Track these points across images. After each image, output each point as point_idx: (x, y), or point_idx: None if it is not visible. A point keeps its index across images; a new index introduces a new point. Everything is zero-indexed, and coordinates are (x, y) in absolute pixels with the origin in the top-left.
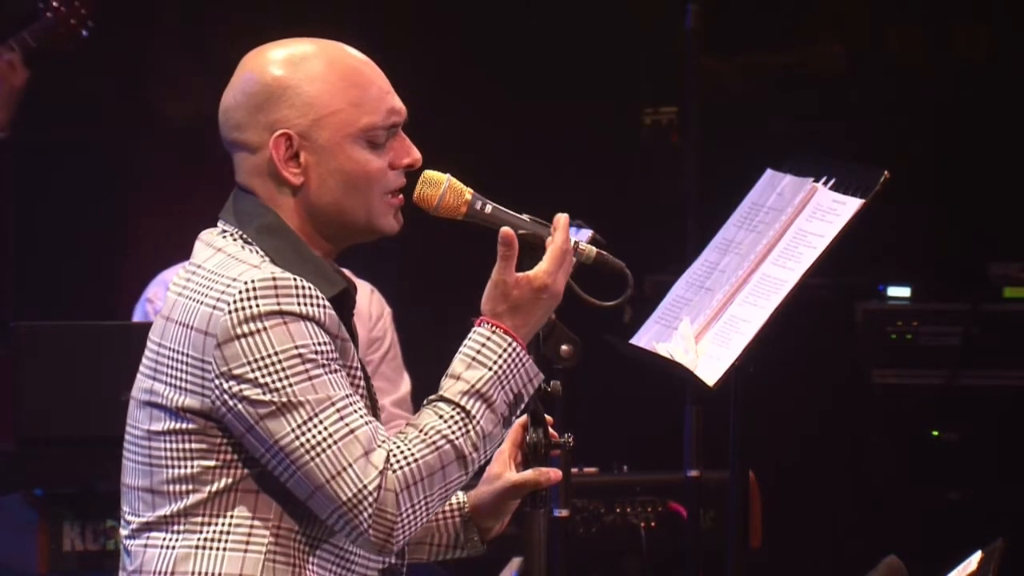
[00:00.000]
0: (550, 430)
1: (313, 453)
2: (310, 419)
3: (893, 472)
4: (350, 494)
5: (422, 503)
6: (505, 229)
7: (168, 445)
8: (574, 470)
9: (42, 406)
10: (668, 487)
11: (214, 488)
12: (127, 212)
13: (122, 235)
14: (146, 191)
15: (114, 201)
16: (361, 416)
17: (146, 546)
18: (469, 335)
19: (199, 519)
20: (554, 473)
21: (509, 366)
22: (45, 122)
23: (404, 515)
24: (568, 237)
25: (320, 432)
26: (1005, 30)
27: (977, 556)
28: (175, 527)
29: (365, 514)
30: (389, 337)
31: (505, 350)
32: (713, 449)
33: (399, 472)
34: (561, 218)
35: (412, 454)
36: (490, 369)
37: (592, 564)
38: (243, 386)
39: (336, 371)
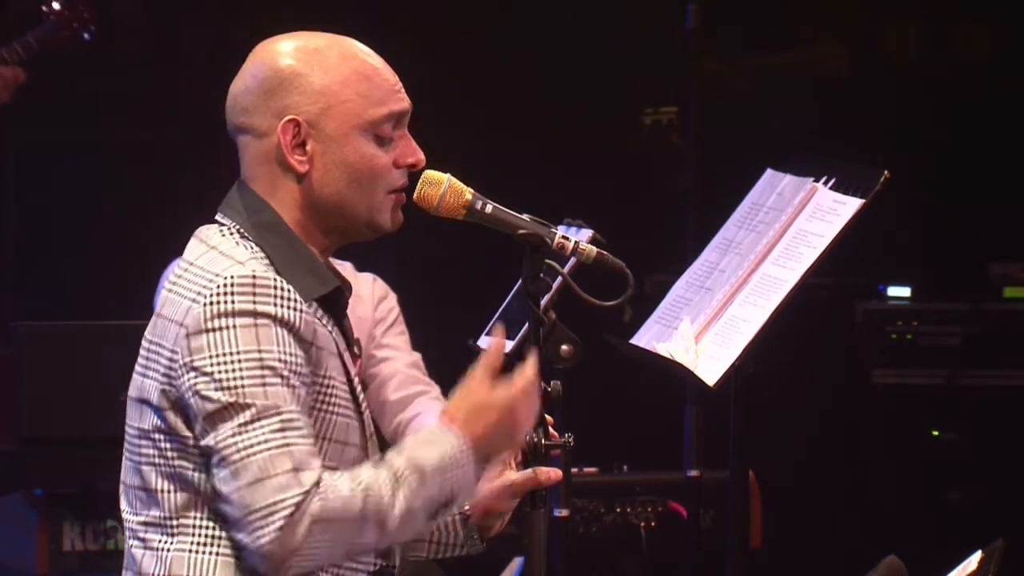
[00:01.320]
0: (550, 430)
1: (244, 454)
2: (251, 422)
3: (893, 472)
4: (264, 502)
5: (326, 545)
6: (496, 343)
7: (153, 443)
8: (574, 470)
9: (42, 406)
10: (668, 487)
11: (201, 489)
12: (128, 212)
13: (123, 235)
14: (147, 191)
15: (115, 201)
16: (301, 436)
17: (144, 548)
18: (432, 425)
19: (190, 521)
20: (554, 473)
21: (454, 461)
22: (47, 122)
23: (308, 546)
24: (534, 378)
25: (256, 436)
26: (1005, 30)
27: (977, 556)
28: (169, 528)
29: (272, 527)
30: (393, 315)
31: (455, 447)
32: (713, 449)
33: (323, 502)
34: (529, 370)
35: (342, 492)
36: (437, 454)
37: (592, 564)
38: (199, 379)
39: (294, 387)
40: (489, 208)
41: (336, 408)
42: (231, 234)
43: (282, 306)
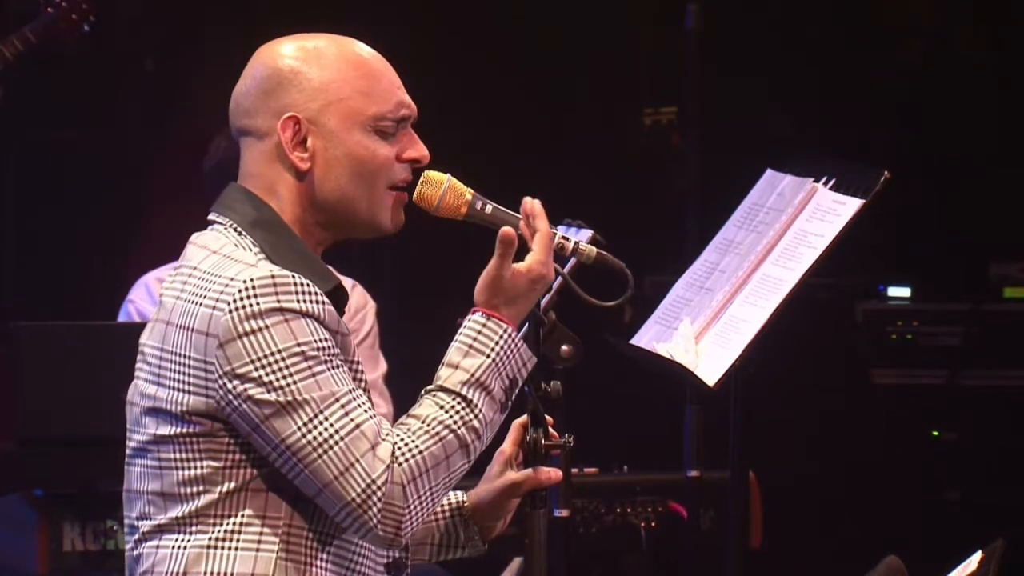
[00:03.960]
0: (550, 430)
1: (321, 451)
2: (315, 416)
3: (893, 472)
4: (359, 490)
5: (428, 494)
6: (507, 229)
7: (177, 448)
8: (574, 470)
9: (42, 406)
10: (668, 487)
11: (224, 488)
12: (128, 212)
13: (122, 235)
14: (147, 191)
15: (115, 201)
16: (365, 411)
17: (158, 547)
18: (464, 324)
19: (211, 519)
20: (554, 473)
21: (505, 352)
22: (46, 121)
23: (412, 507)
24: (546, 220)
25: (326, 429)
26: (1006, 30)
27: (977, 556)
28: (188, 528)
29: (375, 509)
30: (367, 327)
31: (501, 336)
32: (713, 449)
33: (404, 465)
34: (534, 204)
35: (416, 446)
36: (488, 356)
37: (592, 564)
38: (247, 385)
39: (338, 367)
40: (489, 208)
41: (366, 388)
42: (227, 231)
43: (305, 301)
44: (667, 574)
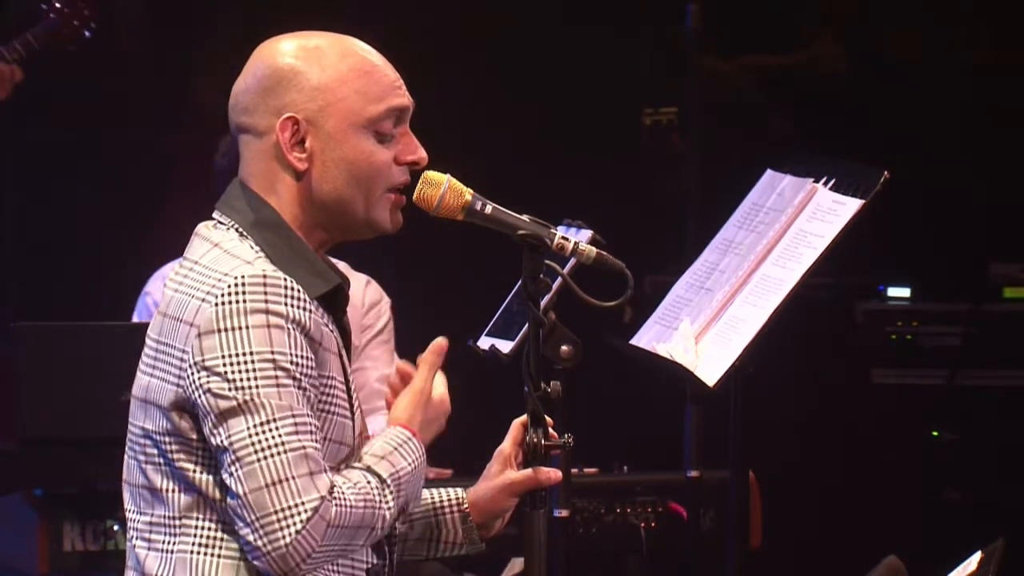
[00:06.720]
0: (550, 430)
1: (262, 455)
2: (268, 422)
3: (893, 472)
4: (283, 505)
5: (334, 548)
6: (441, 341)
7: (156, 444)
8: (574, 470)
9: (42, 406)
10: (668, 487)
11: (204, 491)
12: (128, 212)
13: (123, 235)
14: (147, 191)
15: (115, 201)
16: (313, 440)
17: (148, 548)
18: (388, 430)
19: (194, 521)
20: (554, 473)
21: (418, 471)
22: (47, 122)
23: (322, 549)
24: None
25: (274, 437)
26: (1006, 30)
27: (977, 556)
28: (173, 528)
29: (291, 529)
30: (381, 323)
31: (420, 455)
32: (713, 449)
33: (335, 508)
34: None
35: (349, 499)
36: (410, 465)
37: (592, 564)
38: (212, 378)
39: (305, 389)
40: (488, 209)
41: (336, 408)
42: (228, 230)
43: (294, 306)
44: (667, 574)
